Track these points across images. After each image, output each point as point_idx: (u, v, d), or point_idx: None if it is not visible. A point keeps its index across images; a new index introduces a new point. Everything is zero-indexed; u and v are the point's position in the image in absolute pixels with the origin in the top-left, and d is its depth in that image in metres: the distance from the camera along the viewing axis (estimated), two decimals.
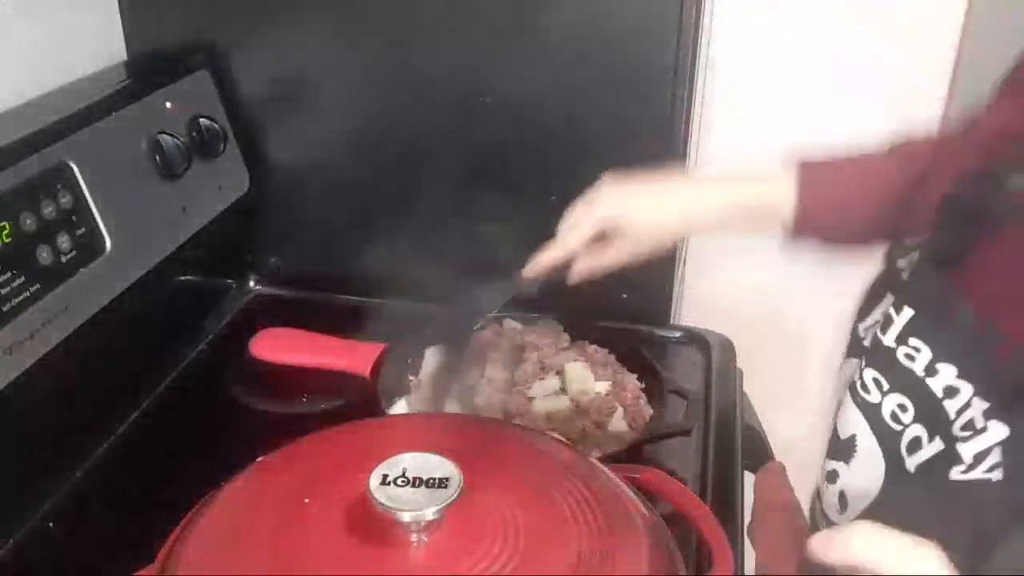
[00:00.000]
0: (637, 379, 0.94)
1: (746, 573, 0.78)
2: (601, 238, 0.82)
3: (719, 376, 1.01)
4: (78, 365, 0.84)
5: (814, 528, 0.75)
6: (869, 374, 0.63)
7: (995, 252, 0.58)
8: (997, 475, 0.52)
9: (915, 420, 0.59)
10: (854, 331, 0.70)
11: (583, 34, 0.97)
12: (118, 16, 1.06)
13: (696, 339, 1.08)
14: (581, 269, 0.83)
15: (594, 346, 0.98)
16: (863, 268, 0.81)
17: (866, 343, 0.67)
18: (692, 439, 0.88)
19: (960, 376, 0.55)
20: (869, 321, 0.68)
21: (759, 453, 1.00)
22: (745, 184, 0.81)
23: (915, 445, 0.59)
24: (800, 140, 1.22)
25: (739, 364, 1.05)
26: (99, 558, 0.73)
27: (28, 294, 0.76)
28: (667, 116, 0.99)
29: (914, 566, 0.43)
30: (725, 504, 0.82)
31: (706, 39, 1.09)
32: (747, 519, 0.87)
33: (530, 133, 1.04)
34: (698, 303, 1.36)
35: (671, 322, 1.14)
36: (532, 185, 1.07)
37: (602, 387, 0.92)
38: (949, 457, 0.55)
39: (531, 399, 0.90)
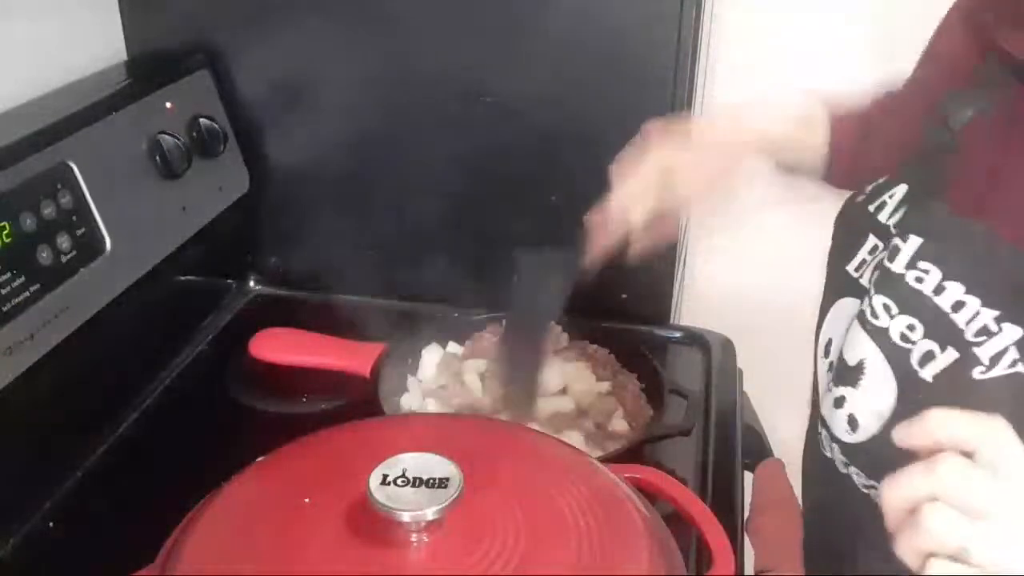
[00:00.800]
0: (637, 379, 0.94)
1: (746, 573, 0.78)
2: (655, 214, 0.82)
3: (719, 376, 1.01)
4: (78, 365, 0.84)
5: (814, 460, 0.78)
6: (879, 300, 0.66)
7: (985, 163, 0.64)
8: (1020, 368, 0.58)
9: (925, 336, 0.63)
10: (840, 272, 0.74)
11: (583, 34, 0.97)
12: (118, 16, 1.06)
13: (696, 339, 1.08)
14: (640, 249, 0.83)
15: (595, 346, 0.98)
16: None
17: (863, 280, 0.71)
18: (692, 439, 0.88)
19: (968, 291, 0.61)
20: (856, 261, 0.72)
21: (759, 453, 1.00)
22: (781, 122, 0.85)
23: (928, 357, 0.63)
24: None
25: (739, 364, 1.05)
26: (99, 558, 0.72)
27: (28, 294, 0.76)
28: (667, 116, 0.99)
29: (990, 437, 0.45)
30: (725, 504, 0.82)
31: (706, 39, 1.09)
32: (747, 515, 0.88)
33: (530, 133, 1.04)
34: (698, 303, 1.36)
35: (671, 322, 1.14)
36: (532, 185, 1.07)
37: (602, 387, 0.92)
38: (967, 362, 0.60)
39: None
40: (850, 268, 0.73)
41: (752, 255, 1.38)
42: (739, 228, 1.33)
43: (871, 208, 0.72)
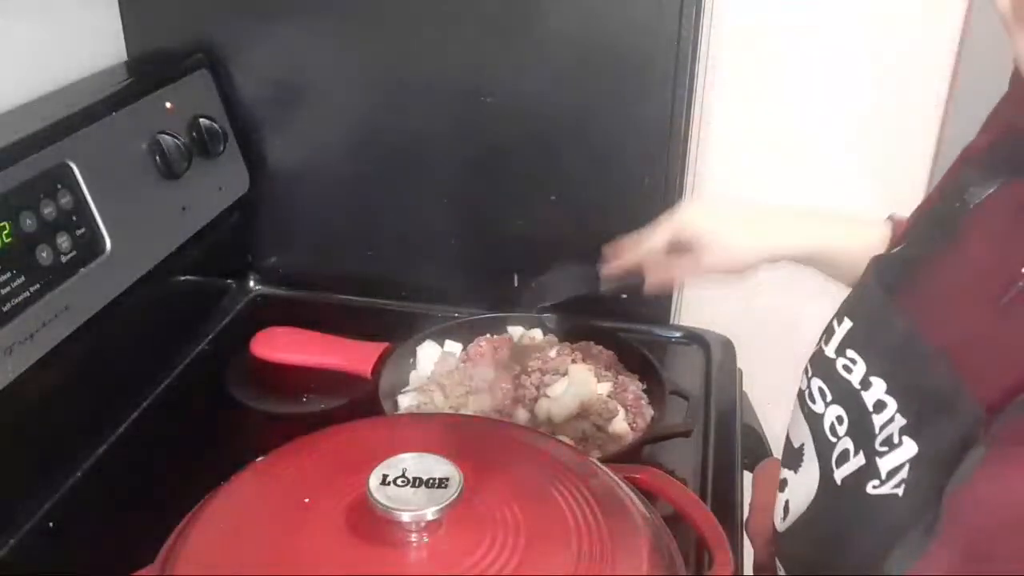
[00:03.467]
0: (639, 380, 0.94)
1: (745, 573, 0.78)
2: (680, 250, 0.80)
3: (719, 376, 1.01)
4: (78, 365, 0.84)
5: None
6: (816, 383, 0.63)
7: (934, 266, 0.58)
8: (900, 490, 0.53)
9: (847, 433, 0.59)
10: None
11: (584, 34, 0.97)
12: (118, 16, 1.06)
13: (696, 339, 1.08)
14: (656, 280, 0.82)
15: (598, 347, 0.98)
16: None
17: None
18: (692, 439, 0.88)
19: (888, 391, 0.56)
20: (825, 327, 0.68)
21: (759, 453, 1.00)
22: (838, 224, 0.78)
23: (843, 458, 0.59)
24: (802, 133, 1.23)
25: (739, 364, 1.05)
26: (99, 558, 0.73)
27: (28, 294, 0.76)
28: (667, 116, 0.99)
29: None
30: (725, 504, 0.82)
31: (706, 39, 1.09)
32: (746, 515, 0.87)
33: (531, 133, 1.04)
34: (698, 303, 1.36)
35: (671, 322, 1.14)
36: (533, 185, 1.07)
37: (604, 388, 0.92)
38: (868, 471, 0.55)
39: (538, 401, 0.90)
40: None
41: None
42: None
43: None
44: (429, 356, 0.97)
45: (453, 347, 0.99)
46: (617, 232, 0.85)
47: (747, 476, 0.93)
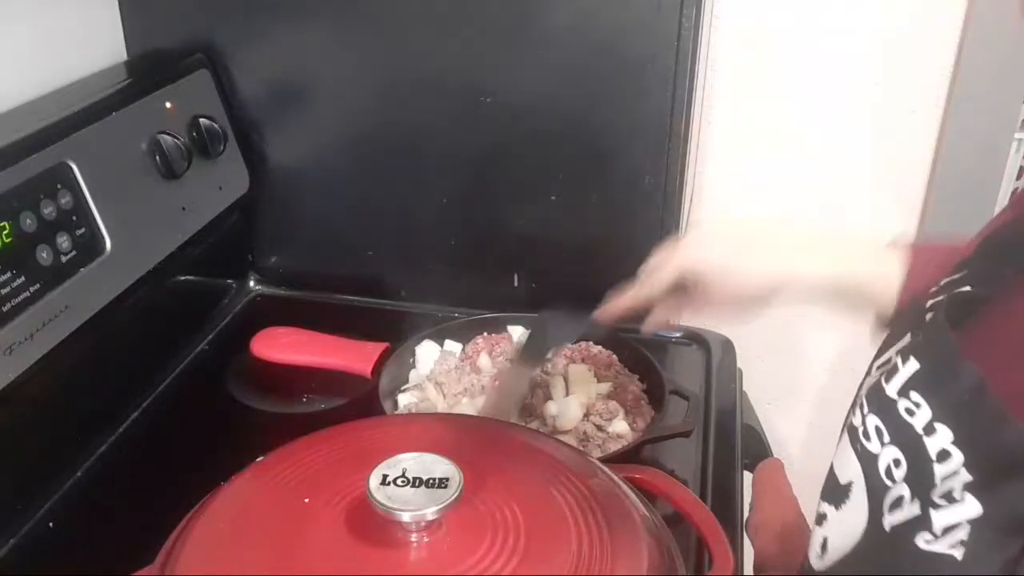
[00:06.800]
0: (639, 380, 0.94)
1: (746, 573, 0.78)
2: (681, 288, 0.76)
3: (719, 376, 1.01)
4: (78, 365, 0.84)
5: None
6: (872, 421, 0.59)
7: (1009, 310, 0.54)
8: (957, 552, 0.50)
9: (904, 479, 0.55)
10: (869, 371, 0.65)
11: (584, 34, 0.97)
12: (118, 16, 1.06)
13: (696, 339, 1.08)
14: (657, 320, 0.80)
15: (598, 347, 0.98)
16: None
17: (868, 386, 0.63)
18: (692, 439, 0.88)
19: (955, 443, 0.52)
20: (882, 360, 0.63)
21: (759, 453, 1.00)
22: (849, 261, 0.74)
23: (896, 504, 0.55)
24: (802, 133, 1.23)
25: (739, 364, 1.05)
26: (99, 558, 0.73)
27: (28, 294, 0.76)
28: (667, 116, 0.99)
29: None
30: (725, 504, 0.82)
31: (706, 38, 1.09)
32: (746, 515, 0.88)
33: (531, 133, 1.04)
34: None
35: (671, 322, 1.14)
36: (533, 185, 1.07)
37: (604, 389, 0.92)
38: (921, 523, 0.52)
39: (537, 402, 0.90)
40: (875, 364, 0.64)
41: None
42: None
43: (928, 304, 0.61)
44: (429, 356, 0.97)
45: (453, 347, 0.99)
46: (617, 232, 0.85)
47: (747, 476, 0.93)
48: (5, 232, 0.74)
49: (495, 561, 0.51)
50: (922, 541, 0.51)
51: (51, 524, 0.81)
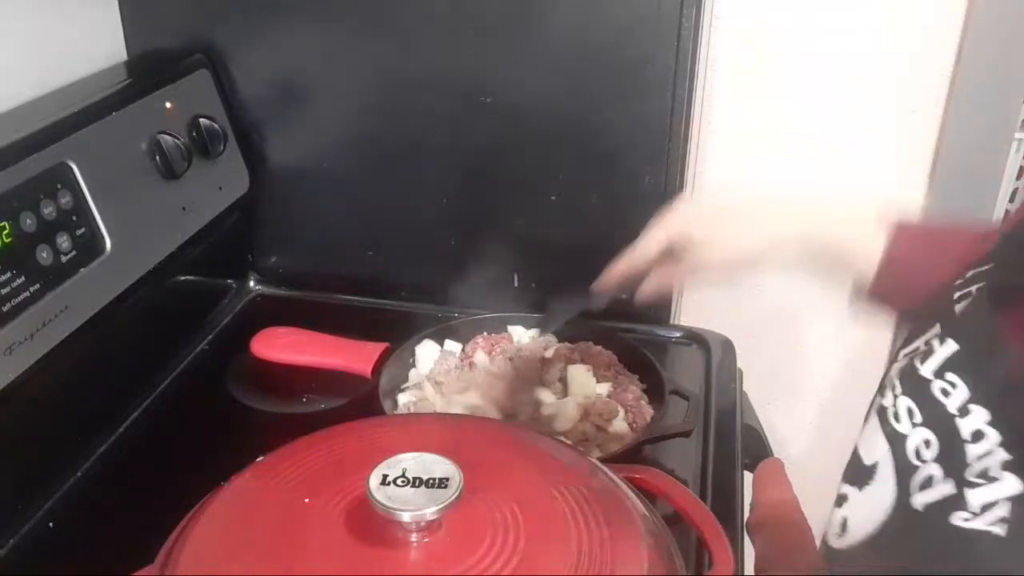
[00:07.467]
0: (639, 380, 0.94)
1: (746, 573, 0.78)
2: (672, 255, 0.78)
3: (719, 376, 1.01)
4: (78, 365, 0.84)
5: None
6: (903, 403, 0.60)
7: None
8: (999, 529, 0.51)
9: (936, 459, 0.56)
10: (895, 358, 0.66)
11: (584, 34, 0.97)
12: (118, 16, 1.06)
13: (696, 339, 1.08)
14: (650, 287, 0.81)
15: (598, 347, 0.98)
16: None
17: (899, 368, 0.63)
18: (692, 439, 0.88)
19: (991, 423, 0.53)
20: (910, 348, 0.64)
21: (759, 453, 1.00)
22: (830, 224, 0.76)
23: (927, 484, 0.56)
24: (802, 133, 1.23)
25: (739, 364, 1.05)
26: (99, 558, 0.73)
27: (28, 294, 0.76)
28: (667, 116, 0.99)
29: None
30: (725, 504, 0.82)
31: (706, 38, 1.09)
32: (746, 515, 0.87)
33: (531, 133, 1.04)
34: (698, 303, 1.36)
35: (671, 322, 1.14)
36: (532, 185, 1.07)
37: (603, 389, 0.92)
38: (956, 501, 0.53)
39: (538, 403, 0.90)
40: (903, 352, 0.65)
41: None
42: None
43: (956, 295, 0.62)
44: (429, 356, 0.97)
45: (453, 347, 0.99)
46: (617, 232, 0.85)
47: (747, 476, 0.93)
48: (5, 232, 0.74)
49: (495, 561, 0.51)
50: (959, 519, 0.53)
51: (51, 524, 0.81)
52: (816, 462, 0.73)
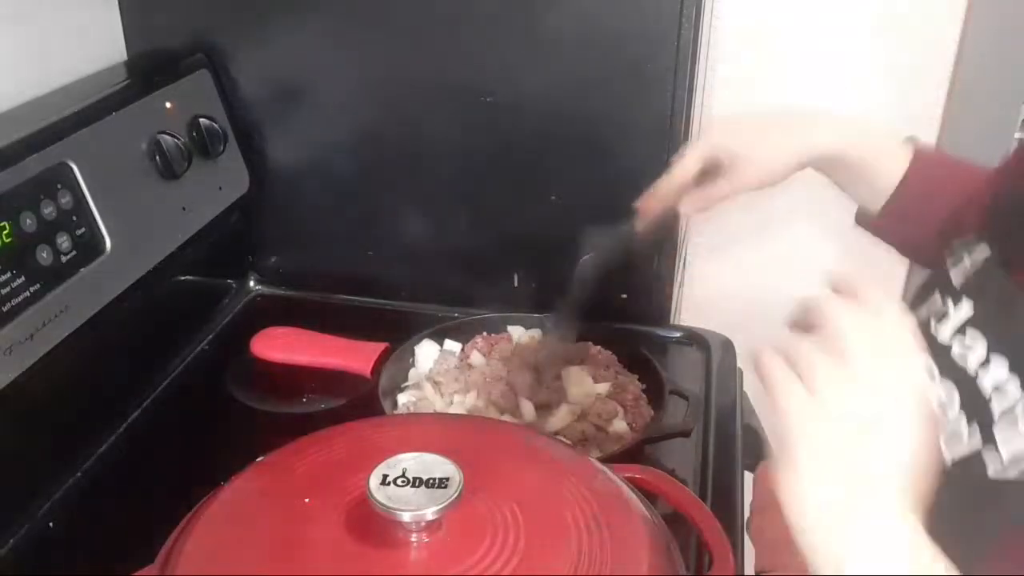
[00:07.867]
0: (638, 380, 0.94)
1: (746, 573, 0.78)
2: (709, 173, 0.80)
3: (719, 376, 1.01)
4: (78, 365, 0.84)
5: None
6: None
7: None
8: None
9: (959, 413, 0.58)
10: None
11: (584, 34, 0.97)
12: (118, 16, 1.06)
13: (696, 339, 1.08)
14: (692, 203, 0.82)
15: (598, 347, 0.98)
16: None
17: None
18: (692, 439, 0.88)
19: (1012, 370, 0.55)
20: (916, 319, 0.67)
21: (759, 453, 1.00)
22: (860, 135, 0.79)
23: (955, 439, 0.58)
24: None
25: (739, 364, 1.05)
26: (99, 558, 0.73)
27: (28, 294, 0.76)
28: (667, 116, 0.99)
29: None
30: (725, 504, 0.82)
31: (706, 39, 1.09)
32: (746, 515, 0.88)
33: (531, 133, 1.03)
34: (698, 303, 1.36)
35: (671, 322, 1.14)
36: (533, 185, 1.07)
37: (602, 388, 0.92)
38: (987, 455, 0.54)
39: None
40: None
41: (752, 255, 1.38)
42: (739, 229, 1.33)
43: (948, 264, 0.65)
44: (428, 356, 0.97)
45: (452, 346, 0.99)
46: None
47: (747, 476, 0.93)
48: (5, 232, 0.74)
49: (495, 561, 0.51)
50: (991, 470, 0.54)
51: (51, 524, 0.81)
52: None
